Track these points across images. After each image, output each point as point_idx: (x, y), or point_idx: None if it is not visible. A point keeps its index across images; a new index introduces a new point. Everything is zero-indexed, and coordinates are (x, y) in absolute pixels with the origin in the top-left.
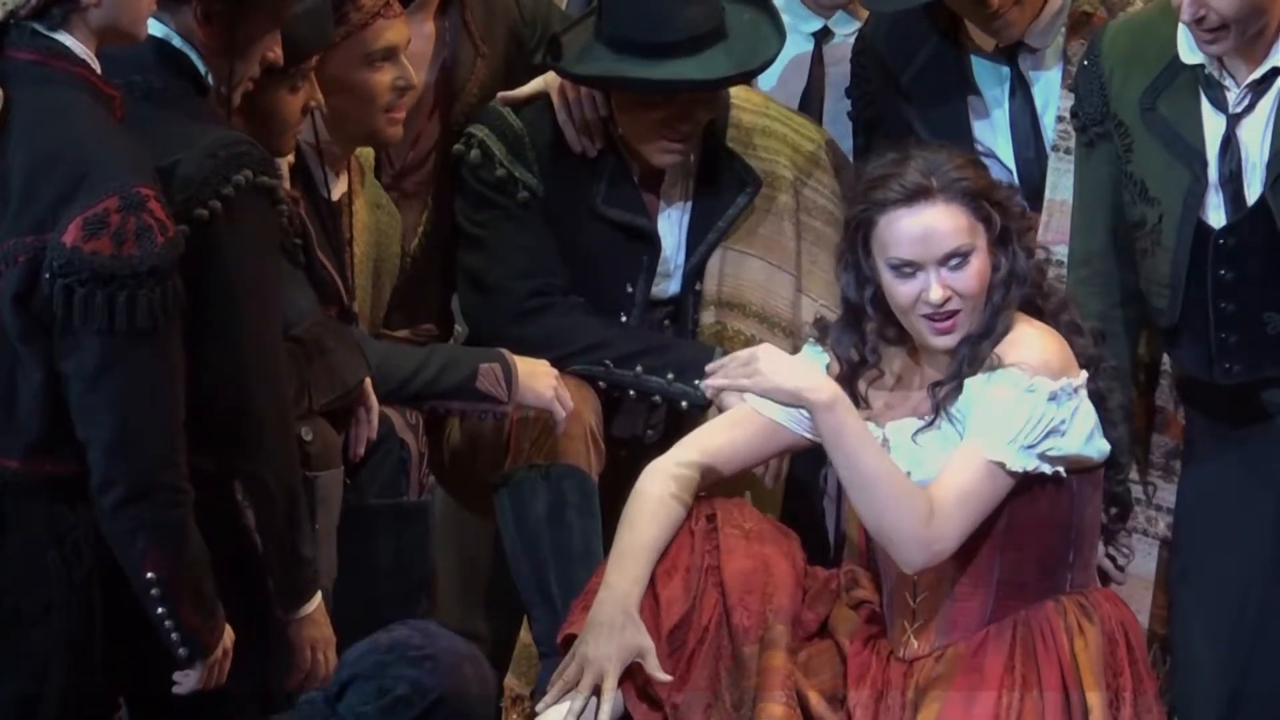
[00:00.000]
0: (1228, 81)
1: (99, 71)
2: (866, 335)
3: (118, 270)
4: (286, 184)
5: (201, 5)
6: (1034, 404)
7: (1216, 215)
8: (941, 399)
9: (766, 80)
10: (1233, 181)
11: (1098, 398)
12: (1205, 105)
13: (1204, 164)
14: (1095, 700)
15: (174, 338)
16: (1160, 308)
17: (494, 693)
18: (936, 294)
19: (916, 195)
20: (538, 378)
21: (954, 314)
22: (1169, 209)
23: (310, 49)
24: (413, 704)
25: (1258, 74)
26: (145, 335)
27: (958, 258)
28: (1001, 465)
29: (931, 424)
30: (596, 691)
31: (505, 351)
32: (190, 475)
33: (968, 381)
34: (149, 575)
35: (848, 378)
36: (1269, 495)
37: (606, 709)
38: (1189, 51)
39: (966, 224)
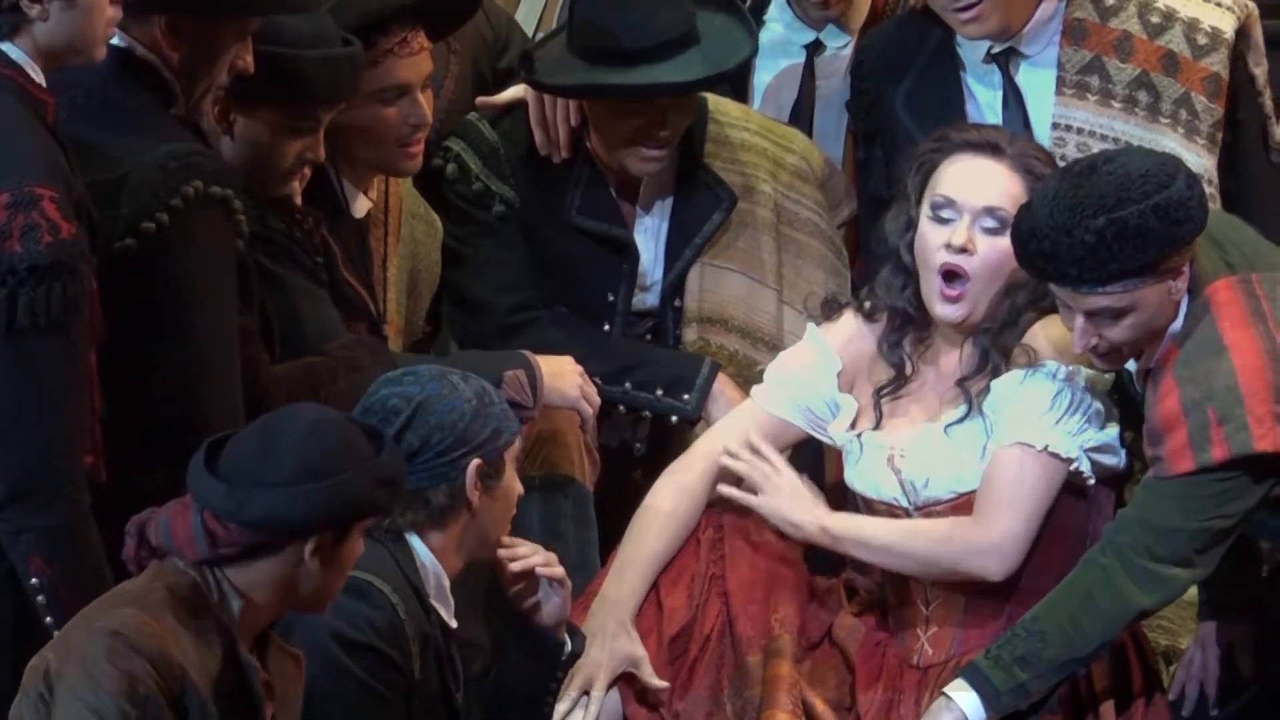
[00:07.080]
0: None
1: (38, 79)
2: (908, 286)
3: None
4: (298, 199)
5: (166, 18)
6: (1072, 389)
7: None
8: (975, 390)
9: (758, 92)
10: None
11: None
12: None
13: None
14: (1106, 708)
15: (66, 339)
16: None
17: (500, 407)
18: (960, 236)
19: (986, 148)
20: (563, 377)
21: (966, 283)
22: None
23: (319, 101)
24: (400, 411)
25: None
26: (26, 334)
27: (995, 220)
28: (1047, 449)
29: (966, 416)
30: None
31: (528, 354)
32: (144, 490)
33: (1002, 379)
34: (33, 580)
35: (893, 341)
36: None
37: (594, 710)
38: None
39: (1019, 195)
